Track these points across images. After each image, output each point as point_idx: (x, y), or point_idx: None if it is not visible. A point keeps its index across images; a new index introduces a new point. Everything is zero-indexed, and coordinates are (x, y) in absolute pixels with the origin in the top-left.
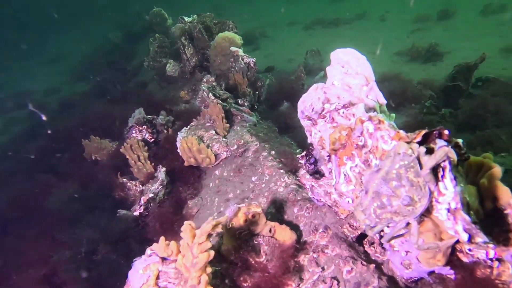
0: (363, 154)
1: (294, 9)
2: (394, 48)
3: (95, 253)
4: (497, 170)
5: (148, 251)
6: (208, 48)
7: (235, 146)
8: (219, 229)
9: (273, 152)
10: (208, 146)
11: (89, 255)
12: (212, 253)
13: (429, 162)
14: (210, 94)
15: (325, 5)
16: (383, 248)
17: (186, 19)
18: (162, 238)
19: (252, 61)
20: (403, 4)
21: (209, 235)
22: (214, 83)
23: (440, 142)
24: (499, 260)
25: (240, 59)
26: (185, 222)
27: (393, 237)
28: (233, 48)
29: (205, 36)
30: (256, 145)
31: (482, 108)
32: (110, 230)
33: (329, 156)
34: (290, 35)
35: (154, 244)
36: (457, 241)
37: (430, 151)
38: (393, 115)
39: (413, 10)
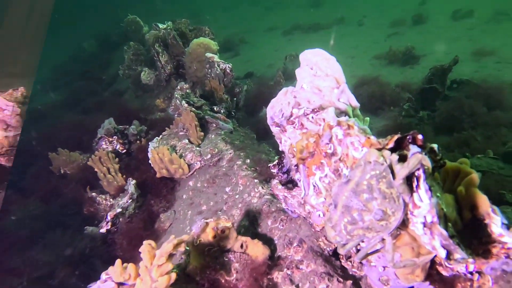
0: (333, 163)
1: (273, 14)
2: (373, 51)
3: (52, 277)
4: (474, 177)
5: (103, 275)
6: (184, 55)
7: (209, 155)
8: (182, 248)
9: (248, 161)
10: (181, 156)
11: (44, 279)
12: (174, 275)
13: (402, 171)
14: (183, 102)
15: (304, 10)
16: (361, 262)
17: (161, 25)
18: (118, 261)
19: (228, 67)
20: (379, 9)
21: (172, 256)
22: (188, 90)
23: (413, 148)
24: (479, 272)
25: (216, 65)
26: (144, 242)
27: (368, 254)
28: (208, 54)
29: (179, 42)
30: (230, 153)
31: (458, 110)
32: (70, 250)
33: (297, 165)
34: (269, 41)
35: (110, 268)
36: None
37: (403, 158)
38: (367, 119)
39: (389, 15)
